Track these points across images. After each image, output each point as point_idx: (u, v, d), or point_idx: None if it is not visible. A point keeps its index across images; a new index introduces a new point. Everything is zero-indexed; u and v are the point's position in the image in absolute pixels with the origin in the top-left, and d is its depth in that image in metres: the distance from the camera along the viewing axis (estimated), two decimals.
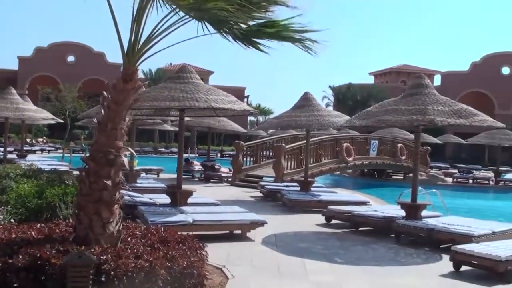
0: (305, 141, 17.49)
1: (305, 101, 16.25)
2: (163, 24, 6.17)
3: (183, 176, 12.87)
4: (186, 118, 15.84)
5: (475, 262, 7.92)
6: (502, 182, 29.23)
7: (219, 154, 45.52)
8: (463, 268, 8.14)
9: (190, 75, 11.63)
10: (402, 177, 29.79)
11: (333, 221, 12.35)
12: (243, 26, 6.59)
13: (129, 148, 6.55)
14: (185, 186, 11.62)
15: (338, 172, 26.62)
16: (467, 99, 49.25)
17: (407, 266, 8.51)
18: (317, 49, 6.61)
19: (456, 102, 11.03)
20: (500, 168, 31.12)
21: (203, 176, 23.09)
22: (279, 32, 6.53)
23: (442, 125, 10.41)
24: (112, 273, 5.07)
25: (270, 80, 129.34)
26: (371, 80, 73.31)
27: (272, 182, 19.40)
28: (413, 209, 11.08)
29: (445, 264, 8.46)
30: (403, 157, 28.03)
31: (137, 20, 6.09)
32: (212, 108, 11.21)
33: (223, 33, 6.64)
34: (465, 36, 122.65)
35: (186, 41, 6.49)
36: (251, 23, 6.54)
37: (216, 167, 23.18)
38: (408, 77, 62.75)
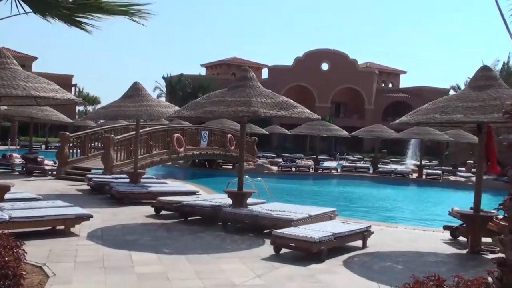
0: (135, 132, 17.20)
1: (135, 91, 15.97)
2: None
3: (1, 170, 11.90)
4: (3, 107, 14.64)
5: (293, 245, 8.53)
6: (321, 169, 31.69)
7: (43, 146, 42.83)
8: (283, 250, 8.71)
9: (7, 60, 10.78)
10: (231, 167, 30.79)
11: (163, 212, 12.36)
12: (63, 3, 6.24)
13: None
14: (1, 181, 10.75)
15: (170, 163, 26.66)
16: (291, 92, 52.59)
17: (232, 252, 8.84)
18: (145, 20, 6.45)
19: (278, 95, 11.65)
20: (319, 157, 33.80)
21: (24, 169, 21.54)
22: (102, 6, 6.30)
23: (265, 116, 10.95)
24: None
25: (101, 69, 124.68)
26: (203, 71, 74.40)
27: (100, 174, 18.80)
28: (239, 197, 11.54)
29: (267, 248, 8.97)
30: (233, 147, 28.97)
31: None
32: (32, 97, 10.55)
33: (41, 12, 6.23)
34: (292, 31, 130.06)
35: (5, 23, 6.00)
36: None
37: (39, 159, 21.77)
38: (238, 70, 64.88)
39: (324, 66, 60.47)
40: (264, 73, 67.62)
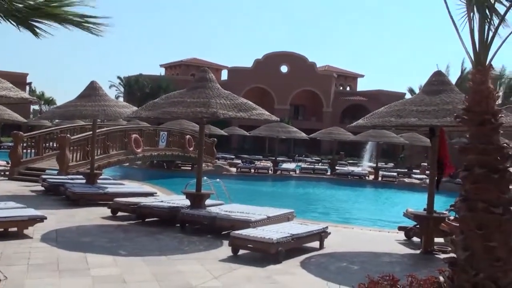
0: (92, 132, 16.92)
1: (92, 90, 15.73)
2: None
3: None
4: None
5: (251, 246, 8.56)
6: (279, 171, 31.86)
7: None
8: (241, 252, 8.73)
9: None
10: (190, 168, 30.62)
11: (120, 214, 12.22)
12: (19, 5, 6.08)
13: None
14: None
15: (127, 164, 26.32)
16: (251, 93, 52.71)
17: (189, 254, 8.80)
18: (100, 33, 6.36)
19: (237, 97, 11.68)
20: (278, 158, 33.96)
21: None
22: (58, 14, 6.17)
23: (224, 117, 10.98)
24: None
25: (57, 68, 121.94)
26: (162, 72, 73.72)
27: (55, 175, 18.40)
28: (197, 198, 11.51)
29: (225, 249, 8.98)
30: (191, 148, 28.82)
31: None
32: None
33: None
34: (252, 32, 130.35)
35: None
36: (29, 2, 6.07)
37: None
38: (197, 71, 64.38)
39: (284, 69, 60.78)
40: (224, 75, 67.51)
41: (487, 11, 5.12)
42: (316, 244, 9.72)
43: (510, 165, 4.95)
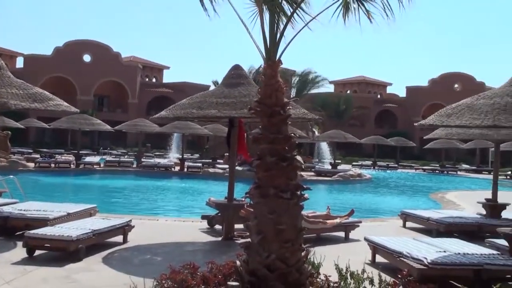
0: None
1: None
2: None
3: None
4: None
5: (48, 245, 8.07)
6: (83, 165, 30.56)
7: None
8: (38, 252, 8.19)
9: None
10: None
11: None
12: None
13: None
14: None
15: None
16: (50, 83, 49.65)
17: None
18: None
19: (31, 86, 10.89)
20: (80, 152, 32.53)
21: None
22: None
23: (16, 108, 10.16)
24: None
25: None
26: None
27: None
28: None
29: (19, 251, 8.34)
30: None
31: None
32: None
33: None
34: (51, 19, 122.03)
35: None
36: None
37: None
38: None
39: (86, 58, 58.25)
40: (20, 62, 62.43)
41: (276, 12, 5.50)
42: (120, 238, 9.54)
43: (297, 153, 5.41)
